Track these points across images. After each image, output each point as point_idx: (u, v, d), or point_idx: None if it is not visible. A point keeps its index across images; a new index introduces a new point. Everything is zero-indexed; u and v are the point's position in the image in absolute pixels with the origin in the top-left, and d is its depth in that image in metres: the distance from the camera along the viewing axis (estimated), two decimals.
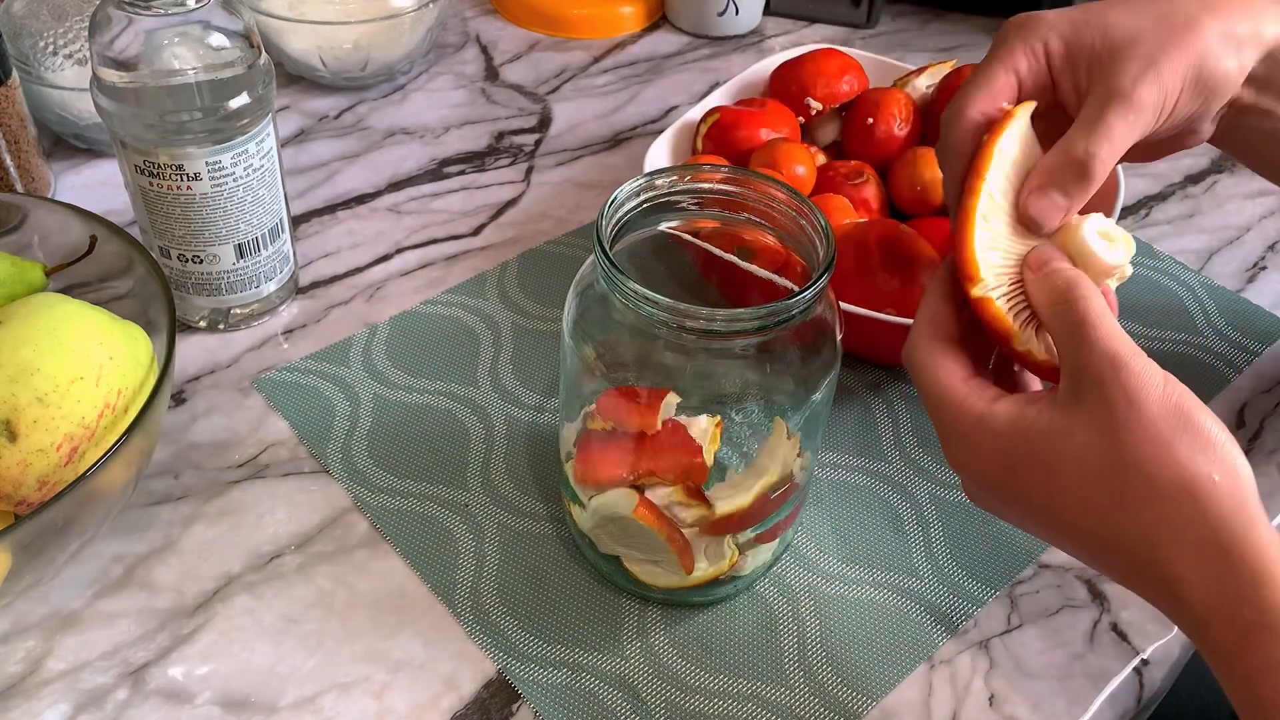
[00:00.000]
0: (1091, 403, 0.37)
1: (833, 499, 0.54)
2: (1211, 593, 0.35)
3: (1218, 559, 0.35)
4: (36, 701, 0.44)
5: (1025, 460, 0.38)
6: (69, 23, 0.67)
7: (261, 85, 0.53)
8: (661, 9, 0.93)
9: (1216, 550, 0.35)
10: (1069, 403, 0.38)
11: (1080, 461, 0.37)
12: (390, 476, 0.53)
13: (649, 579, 0.47)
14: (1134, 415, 0.36)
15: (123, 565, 0.49)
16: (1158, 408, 0.36)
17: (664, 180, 0.44)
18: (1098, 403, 0.37)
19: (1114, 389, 0.36)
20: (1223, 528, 0.35)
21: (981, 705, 0.46)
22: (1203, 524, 0.35)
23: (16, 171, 0.65)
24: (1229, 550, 0.35)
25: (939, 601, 0.50)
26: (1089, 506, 0.37)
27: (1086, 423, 0.37)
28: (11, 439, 0.43)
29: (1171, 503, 0.36)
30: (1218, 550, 0.35)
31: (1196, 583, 0.35)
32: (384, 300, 0.63)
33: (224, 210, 0.55)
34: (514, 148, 0.76)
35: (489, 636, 0.47)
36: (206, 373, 0.58)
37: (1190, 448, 0.36)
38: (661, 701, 0.45)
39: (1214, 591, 0.35)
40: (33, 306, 0.46)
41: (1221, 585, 0.35)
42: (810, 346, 0.43)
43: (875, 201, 0.64)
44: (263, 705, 0.45)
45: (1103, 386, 0.37)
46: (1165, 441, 0.36)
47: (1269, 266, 0.69)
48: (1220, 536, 0.35)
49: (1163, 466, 0.36)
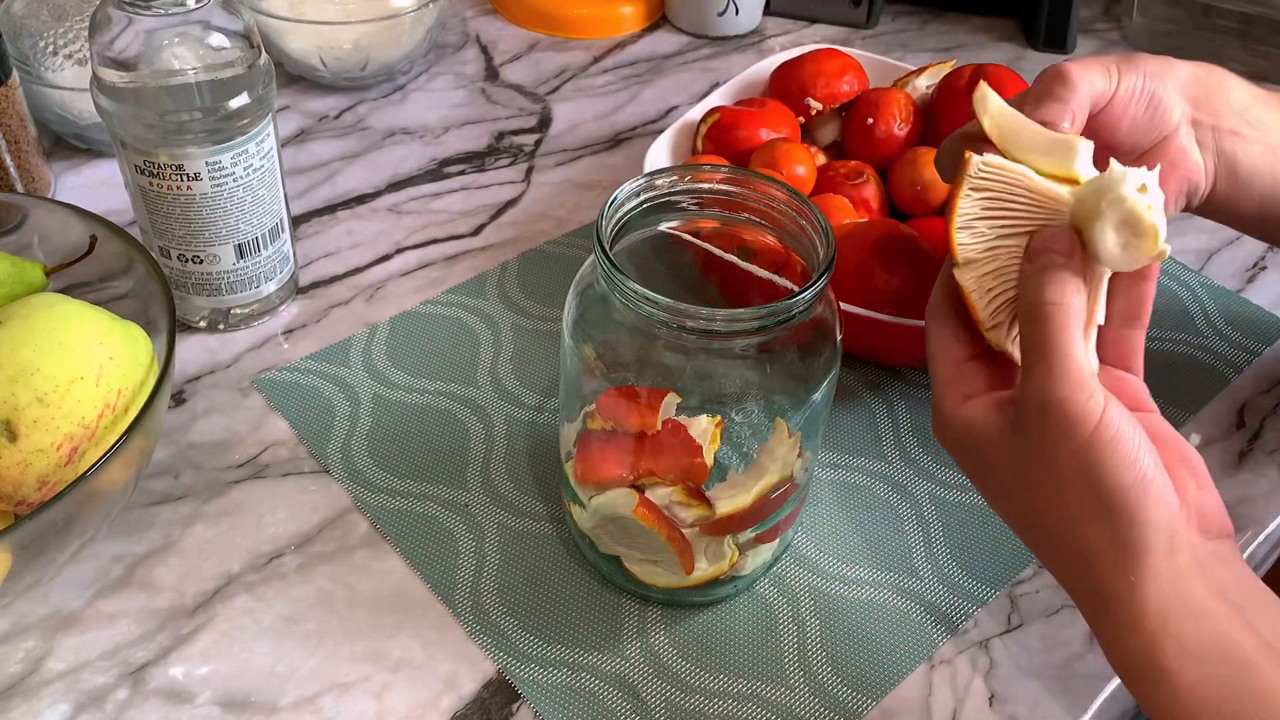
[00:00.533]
0: (1020, 437, 0.38)
1: (833, 499, 0.54)
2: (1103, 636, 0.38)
3: (1102, 613, 0.37)
4: (36, 701, 0.44)
5: (971, 460, 0.41)
6: (69, 23, 0.67)
7: (261, 85, 0.53)
8: (661, 9, 0.93)
9: (1101, 606, 0.37)
10: (1009, 428, 0.39)
11: (1003, 489, 0.40)
12: (390, 476, 0.53)
13: (649, 579, 0.47)
14: (1046, 466, 0.37)
15: (123, 565, 0.49)
16: (1071, 462, 0.36)
17: (664, 180, 0.44)
18: (1024, 440, 0.38)
19: (1039, 431, 0.37)
20: (1102, 590, 0.37)
21: (981, 705, 0.46)
22: (1088, 582, 0.38)
23: (16, 171, 0.65)
24: (1109, 609, 0.37)
25: (939, 601, 0.50)
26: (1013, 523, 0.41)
27: (1012, 456, 0.39)
28: (11, 439, 0.43)
29: (1065, 555, 0.38)
30: (1102, 606, 0.37)
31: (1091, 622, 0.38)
32: (384, 300, 0.63)
33: (224, 210, 0.55)
34: (514, 148, 0.76)
35: (489, 636, 0.47)
36: (206, 373, 0.58)
37: (1088, 512, 0.37)
38: (661, 701, 0.45)
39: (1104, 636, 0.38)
40: (33, 306, 0.46)
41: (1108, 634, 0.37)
42: (810, 346, 0.43)
43: (875, 201, 0.64)
44: (263, 705, 0.45)
45: (1031, 426, 0.37)
46: (1065, 501, 0.37)
47: (1269, 266, 0.69)
48: (1101, 596, 0.37)
49: (1060, 523, 0.38)
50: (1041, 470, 0.37)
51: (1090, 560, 0.37)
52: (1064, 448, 0.36)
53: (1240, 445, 0.58)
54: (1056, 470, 0.37)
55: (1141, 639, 0.36)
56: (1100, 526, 0.36)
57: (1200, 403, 0.60)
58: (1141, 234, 0.37)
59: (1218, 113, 0.48)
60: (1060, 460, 0.37)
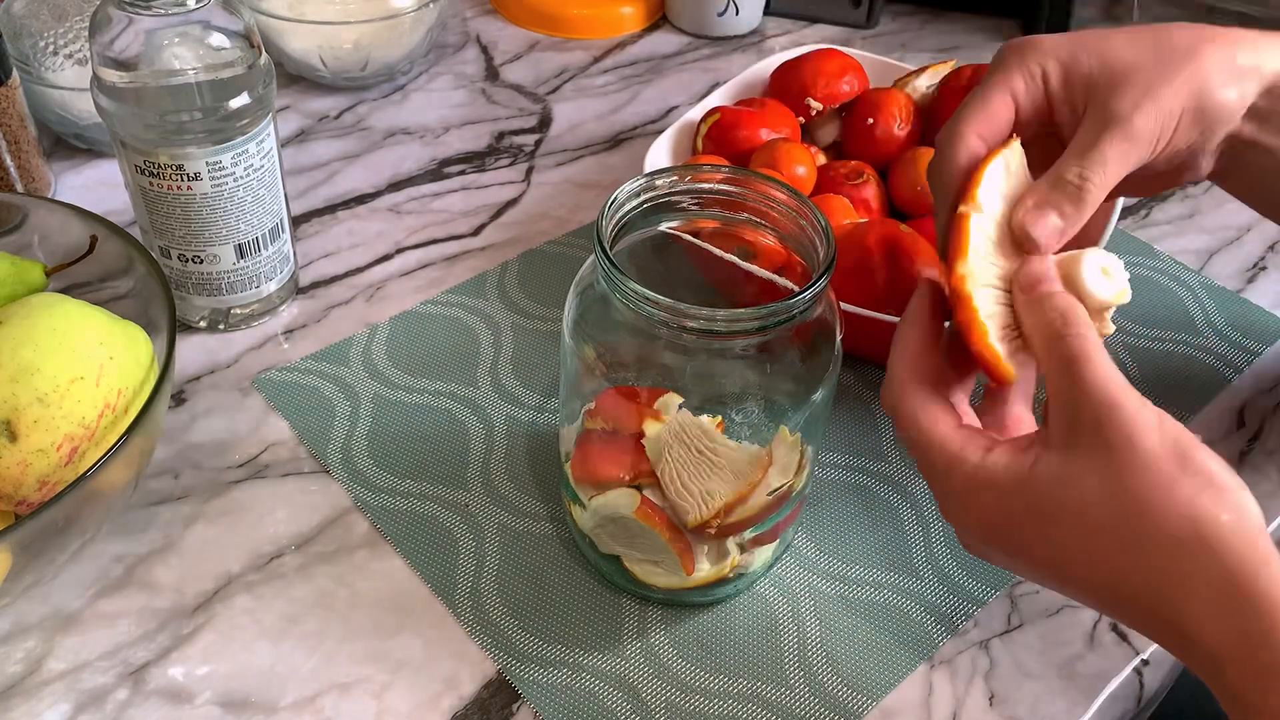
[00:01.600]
0: (1088, 447, 0.36)
1: (833, 499, 0.54)
2: (1226, 636, 0.34)
3: (1231, 602, 0.34)
4: (36, 701, 0.44)
5: (1025, 513, 0.37)
6: (69, 23, 0.67)
7: (261, 85, 0.53)
8: (661, 9, 0.93)
9: (1229, 593, 0.34)
10: (1065, 448, 0.36)
11: (1082, 510, 0.36)
12: (390, 476, 0.53)
13: (649, 579, 0.47)
14: (1134, 458, 0.35)
15: (123, 565, 0.49)
16: (1158, 449, 0.35)
17: (664, 180, 0.44)
18: (1095, 447, 0.36)
19: (1111, 432, 0.35)
20: (1235, 570, 0.34)
21: (981, 705, 0.46)
22: (1214, 567, 0.34)
23: (16, 171, 0.65)
24: (1242, 593, 0.34)
25: (939, 601, 0.50)
26: (1094, 556, 0.36)
27: (1086, 469, 0.36)
28: (12, 439, 0.43)
29: (1180, 546, 0.35)
30: (1231, 593, 0.34)
31: (1209, 627, 0.34)
32: (384, 300, 0.63)
33: (224, 210, 0.55)
34: (514, 148, 0.76)
35: (489, 636, 0.47)
36: (206, 373, 0.58)
37: (1195, 488, 0.34)
38: (661, 701, 0.45)
39: (1228, 635, 0.34)
40: (33, 306, 0.46)
41: (1236, 628, 0.34)
42: (810, 346, 0.43)
43: (875, 201, 0.64)
44: (263, 705, 0.45)
45: (1100, 430, 0.36)
46: (1169, 483, 0.35)
47: (1269, 267, 0.69)
48: (1233, 579, 0.34)
49: (1169, 509, 0.35)
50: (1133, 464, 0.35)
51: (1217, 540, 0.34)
52: (1146, 435, 0.35)
53: (1240, 445, 0.58)
54: (1148, 458, 0.35)
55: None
56: (1216, 499, 0.34)
57: (1200, 403, 0.60)
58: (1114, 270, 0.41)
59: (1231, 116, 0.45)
60: (1150, 446, 0.35)
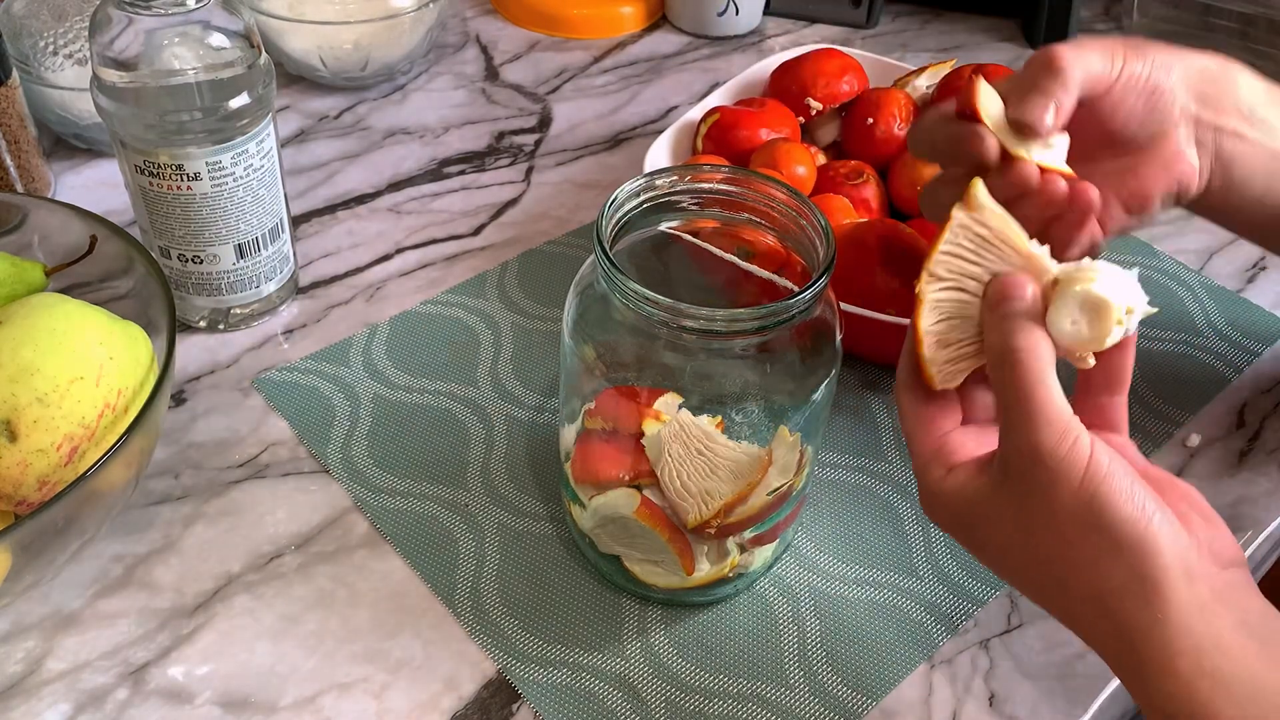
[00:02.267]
0: (1011, 490, 0.37)
1: (833, 499, 0.54)
2: (1132, 683, 0.36)
3: (1129, 667, 0.36)
4: (36, 701, 0.44)
5: (967, 529, 0.40)
6: (69, 23, 0.67)
7: (261, 85, 0.53)
8: (661, 9, 0.93)
9: (1127, 653, 0.36)
10: (997, 484, 0.38)
11: (1004, 547, 0.38)
12: (390, 476, 0.53)
13: (649, 579, 0.47)
14: (1044, 514, 0.36)
15: (123, 565, 0.49)
16: (1069, 505, 0.35)
17: (664, 180, 0.44)
18: (1016, 493, 0.37)
19: (1030, 482, 0.36)
20: (1127, 633, 0.35)
21: (981, 705, 0.46)
22: (1110, 628, 0.36)
23: (16, 171, 0.65)
24: (1136, 655, 0.35)
25: (939, 601, 0.50)
26: (1021, 582, 0.39)
27: (1007, 511, 0.37)
28: (11, 439, 0.43)
29: (1080, 603, 0.37)
30: (1127, 653, 0.36)
31: (1121, 677, 0.37)
32: (384, 300, 0.63)
33: (224, 210, 0.55)
34: (514, 148, 0.76)
35: (489, 636, 0.47)
36: (206, 373, 0.58)
37: (1096, 551, 0.35)
38: (661, 701, 0.45)
39: (1134, 683, 0.36)
40: (33, 306, 0.46)
41: (1138, 688, 0.36)
42: (810, 346, 0.43)
43: (875, 201, 0.64)
44: (263, 705, 0.45)
45: (1022, 478, 0.36)
46: (1071, 544, 0.36)
47: (1269, 266, 0.69)
48: (1126, 639, 0.36)
49: (1069, 570, 0.36)
50: (1042, 518, 0.36)
51: (1108, 602, 0.36)
52: (1059, 490, 0.35)
53: (1240, 445, 0.58)
54: (1056, 515, 0.36)
55: (1176, 682, 0.34)
56: (1112, 563, 0.35)
57: (1200, 403, 0.60)
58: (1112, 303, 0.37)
59: (1222, 110, 0.47)
60: (1058, 503, 0.36)
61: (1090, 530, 0.35)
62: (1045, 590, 0.38)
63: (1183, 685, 0.34)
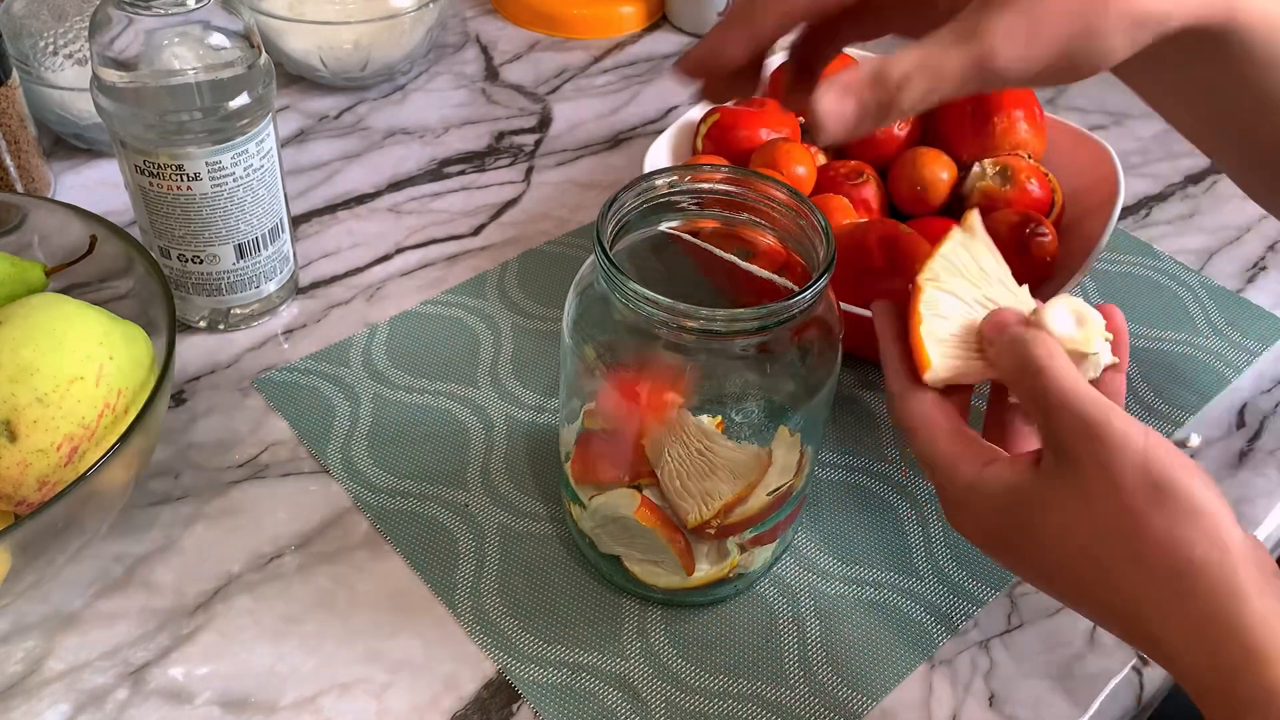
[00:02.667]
0: (1066, 475, 0.36)
1: (833, 499, 0.54)
2: (1204, 667, 0.34)
3: (1206, 637, 0.34)
4: (36, 701, 0.44)
5: (1015, 529, 0.38)
6: (69, 23, 0.67)
7: (261, 85, 0.53)
8: (661, 9, 0.93)
9: (1204, 628, 0.34)
10: (1049, 472, 0.37)
11: (1062, 536, 0.36)
12: (390, 476, 0.53)
13: (649, 579, 0.47)
14: (1108, 488, 0.35)
15: (123, 565, 0.49)
16: (1133, 478, 0.34)
17: (664, 180, 0.44)
18: (1072, 475, 0.36)
19: (1086, 460, 0.35)
20: (1209, 604, 0.34)
21: (981, 705, 0.46)
22: (1189, 600, 0.34)
23: (16, 171, 0.65)
24: (1216, 628, 0.34)
25: (939, 601, 0.50)
26: (1077, 577, 0.37)
27: (1065, 496, 0.36)
28: (11, 439, 0.43)
29: (1154, 579, 0.35)
30: (1205, 628, 0.34)
31: (1187, 656, 0.35)
32: (384, 300, 0.63)
33: (224, 210, 0.55)
34: (514, 148, 0.76)
35: (489, 636, 0.47)
36: (206, 373, 0.58)
37: (1169, 520, 0.34)
38: (661, 701, 0.45)
39: (1206, 667, 0.34)
40: (33, 306, 0.46)
41: (1213, 661, 0.34)
42: (810, 346, 0.43)
43: (875, 201, 0.64)
44: (263, 705, 0.45)
45: (1076, 459, 0.35)
46: (1142, 515, 0.34)
47: (1269, 266, 0.69)
48: (1208, 613, 0.34)
49: (1142, 543, 0.35)
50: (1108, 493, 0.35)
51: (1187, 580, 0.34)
52: (1122, 462, 0.34)
53: (1240, 445, 0.58)
54: (1123, 488, 0.34)
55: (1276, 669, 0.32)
56: (1190, 530, 0.34)
57: (1200, 403, 0.60)
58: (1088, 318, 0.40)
59: None
60: (1122, 476, 0.34)
61: (1160, 501, 0.34)
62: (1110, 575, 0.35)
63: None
